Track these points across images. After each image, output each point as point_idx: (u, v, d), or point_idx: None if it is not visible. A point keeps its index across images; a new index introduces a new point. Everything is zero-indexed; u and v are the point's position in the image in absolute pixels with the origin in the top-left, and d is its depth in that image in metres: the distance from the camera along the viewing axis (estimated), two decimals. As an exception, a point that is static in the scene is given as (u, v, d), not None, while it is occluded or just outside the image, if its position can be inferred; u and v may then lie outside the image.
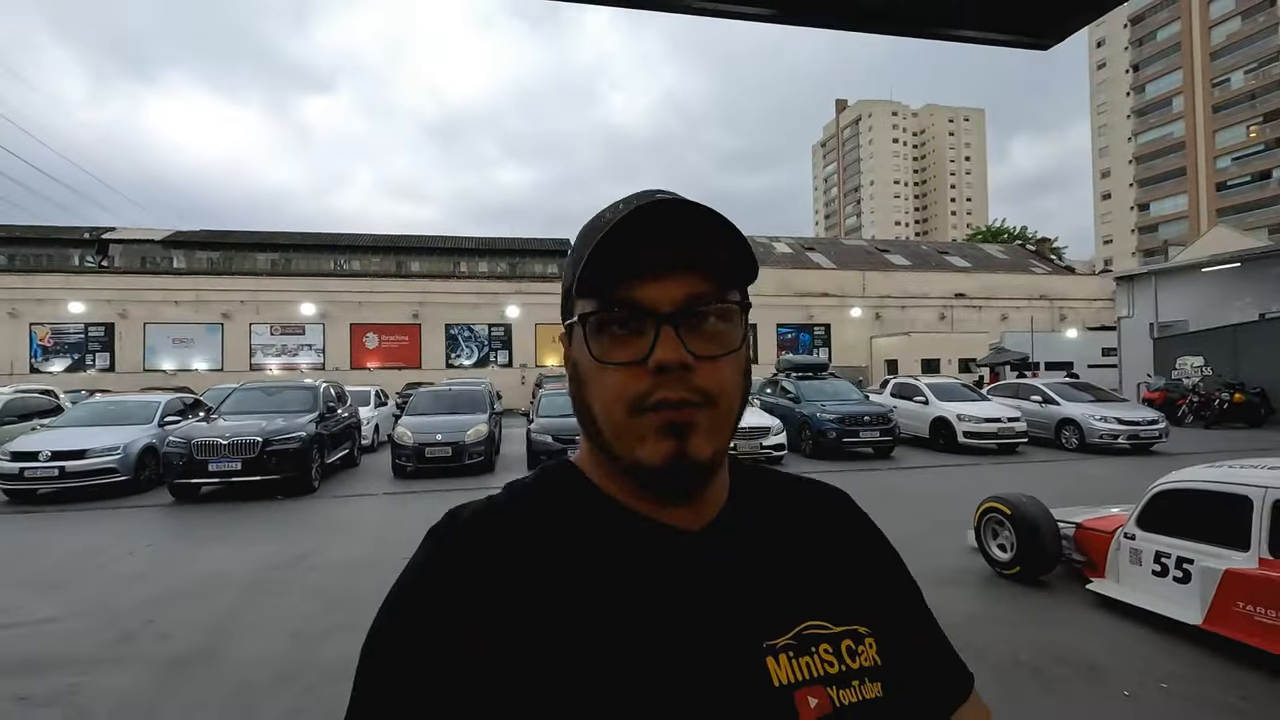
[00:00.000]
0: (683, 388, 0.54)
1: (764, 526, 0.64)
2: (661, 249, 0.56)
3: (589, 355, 0.57)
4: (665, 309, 0.55)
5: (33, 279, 27.80)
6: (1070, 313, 36.45)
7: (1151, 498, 4.46)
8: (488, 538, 0.58)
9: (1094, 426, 12.77)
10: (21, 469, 9.04)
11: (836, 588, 0.62)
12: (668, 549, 0.58)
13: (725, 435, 0.58)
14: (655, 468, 0.55)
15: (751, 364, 0.63)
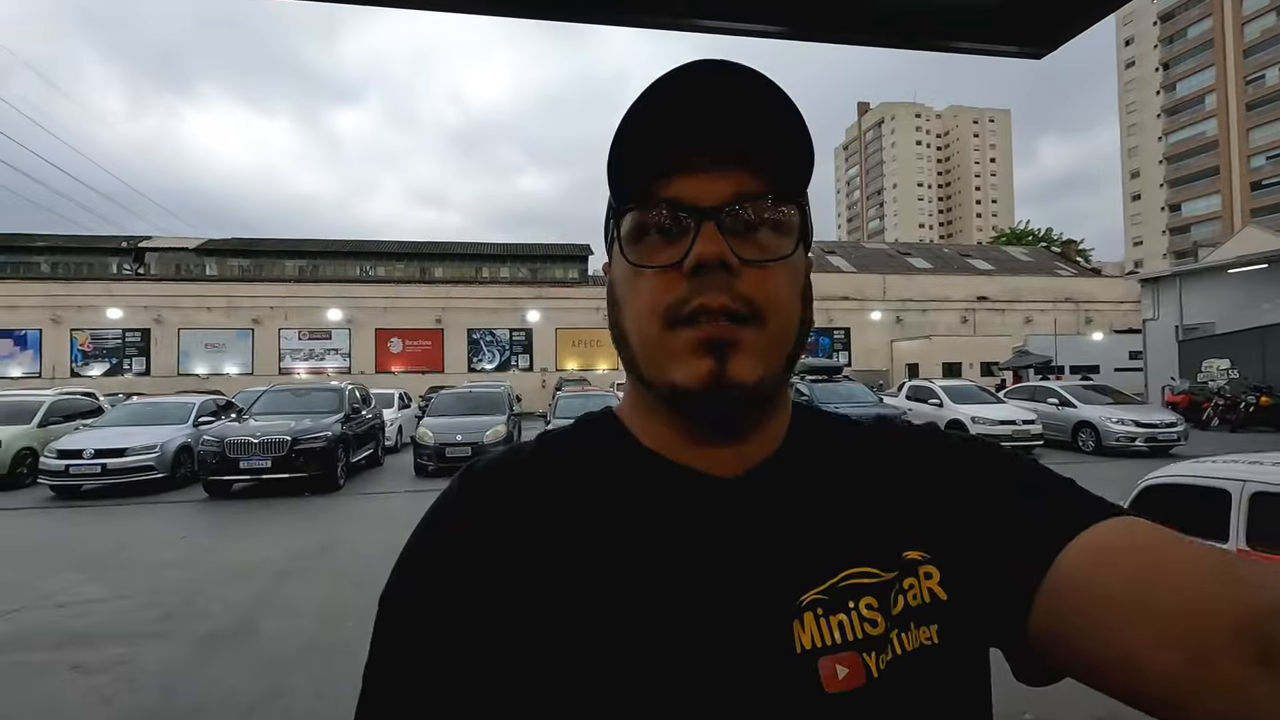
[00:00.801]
0: (725, 294, 0.48)
1: (817, 470, 0.55)
2: (706, 138, 0.50)
3: (624, 263, 0.52)
4: (707, 204, 0.49)
5: (74, 286, 28.93)
6: (1097, 315, 35.96)
7: (1140, 492, 4.59)
8: (515, 480, 0.54)
9: (1110, 429, 12.72)
10: (67, 466, 9.56)
11: (892, 525, 0.52)
12: (700, 497, 0.52)
13: (777, 361, 0.51)
14: (690, 391, 0.49)
15: (810, 295, 0.56)
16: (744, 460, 0.54)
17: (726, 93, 0.49)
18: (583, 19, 1.47)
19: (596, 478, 0.54)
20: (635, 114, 0.49)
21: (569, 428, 0.60)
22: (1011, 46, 1.58)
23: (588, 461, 0.55)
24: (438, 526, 0.54)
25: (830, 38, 1.55)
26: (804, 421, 0.59)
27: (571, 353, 31.29)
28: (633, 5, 1.42)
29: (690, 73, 0.49)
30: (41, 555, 6.57)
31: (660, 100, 0.49)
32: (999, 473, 0.54)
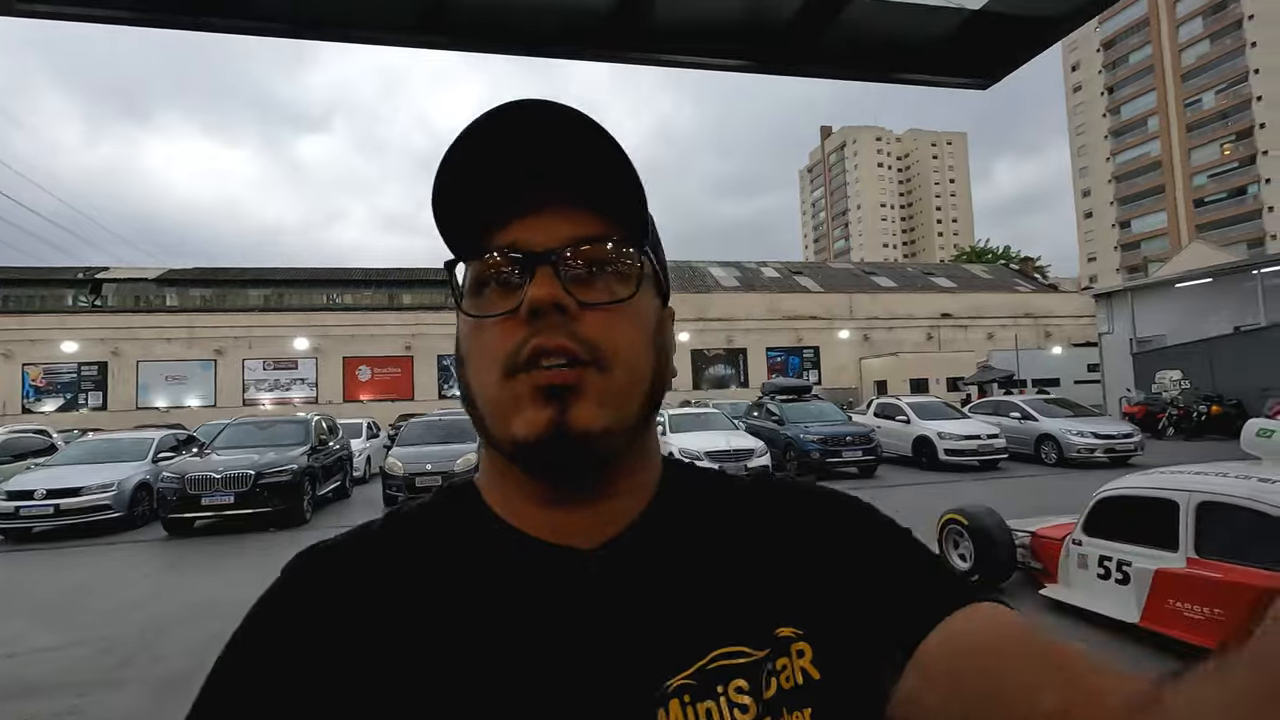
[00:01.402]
0: (563, 335, 0.45)
1: (685, 538, 0.51)
2: (540, 182, 0.48)
3: (465, 317, 0.50)
4: (543, 248, 0.47)
5: (26, 320, 28.04)
6: (1056, 330, 37.04)
7: (1095, 504, 4.74)
8: (350, 564, 0.50)
9: (1071, 441, 13.06)
10: (17, 508, 9.19)
11: (762, 599, 0.49)
12: (554, 574, 0.48)
13: (627, 411, 0.48)
14: (530, 443, 0.45)
15: (670, 346, 0.54)
16: (604, 528, 0.50)
17: (556, 135, 0.47)
18: (552, 54, 1.52)
19: (442, 557, 0.50)
20: (460, 161, 0.47)
21: (425, 500, 0.56)
22: (957, 78, 1.67)
23: (436, 538, 0.51)
24: (256, 622, 0.49)
25: (789, 70, 1.62)
26: (673, 481, 0.56)
27: (543, 377, 31.19)
28: (599, 40, 1.47)
29: (514, 115, 0.47)
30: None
31: (486, 145, 0.47)
32: (874, 545, 0.53)
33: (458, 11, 1.38)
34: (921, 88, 1.81)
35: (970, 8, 1.50)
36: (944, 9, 1.52)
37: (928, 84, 1.70)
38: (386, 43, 1.43)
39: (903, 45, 1.60)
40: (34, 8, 1.23)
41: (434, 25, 1.38)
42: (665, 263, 0.57)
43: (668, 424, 13.09)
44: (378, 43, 1.44)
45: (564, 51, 1.52)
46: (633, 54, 1.52)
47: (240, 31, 1.36)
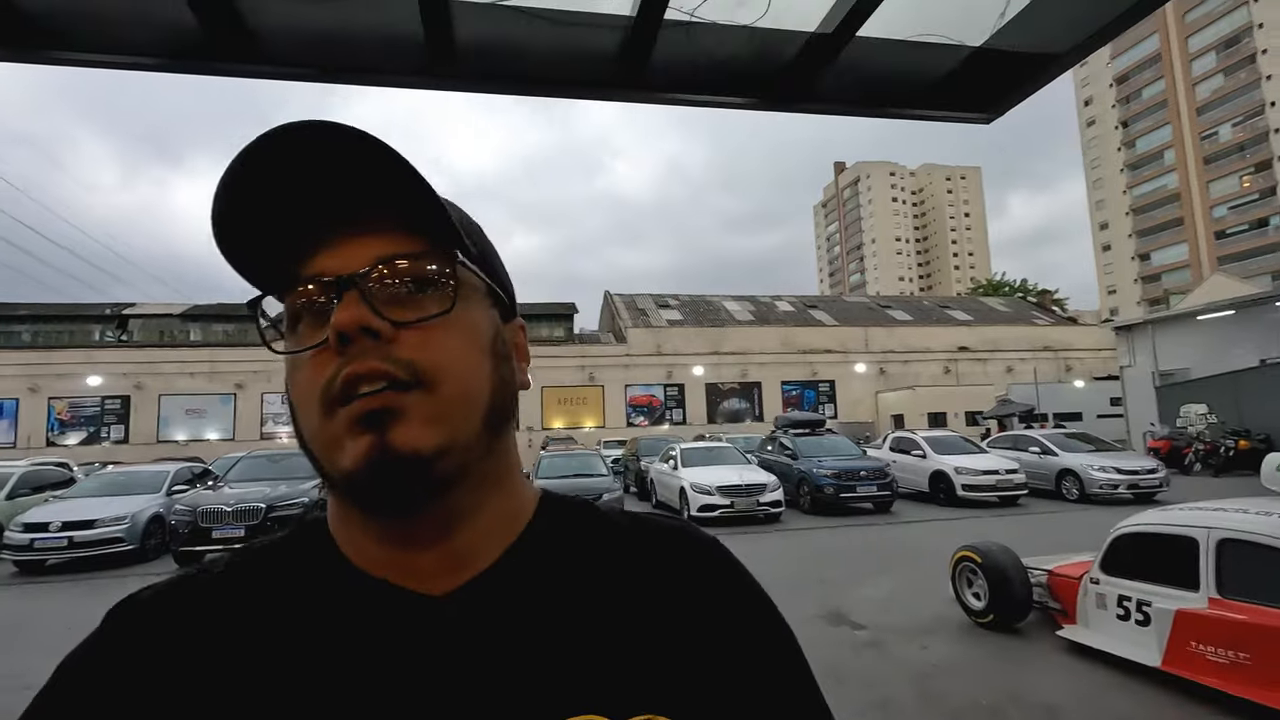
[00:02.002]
0: (375, 358, 0.42)
1: (547, 585, 0.48)
2: (336, 206, 0.45)
3: (283, 357, 0.47)
4: (347, 272, 0.44)
5: (53, 355, 28.68)
6: (1076, 363, 36.49)
7: (1112, 541, 4.60)
8: (168, 615, 0.46)
9: (1093, 476, 12.75)
10: (32, 540, 9.27)
11: (631, 667, 0.46)
12: (398, 622, 0.45)
13: (461, 427, 0.45)
14: (354, 474, 0.42)
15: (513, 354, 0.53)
16: (457, 569, 0.47)
17: (341, 157, 0.43)
18: (560, 94, 1.55)
19: (280, 601, 0.46)
20: (242, 192, 0.43)
21: (275, 539, 0.52)
22: (961, 113, 1.68)
23: (275, 580, 0.47)
24: (64, 675, 0.46)
25: (793, 108, 1.65)
26: (548, 519, 0.52)
27: (558, 411, 31.18)
28: (607, 80, 1.51)
29: (293, 140, 0.43)
30: (2, 635, 6.31)
31: (268, 174, 0.43)
32: (756, 654, 0.50)
33: (468, 54, 1.43)
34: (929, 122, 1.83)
35: (972, 45, 1.53)
36: (946, 45, 1.54)
37: (932, 119, 1.72)
38: (401, 85, 1.48)
39: (905, 81, 1.62)
40: (65, 55, 1.31)
41: (446, 68, 1.42)
42: (505, 274, 0.54)
43: (680, 458, 12.99)
44: (393, 85, 1.49)
45: (572, 92, 1.56)
46: (639, 93, 1.55)
47: (262, 76, 1.41)
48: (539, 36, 1.43)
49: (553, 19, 1.40)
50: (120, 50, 1.34)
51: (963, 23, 1.48)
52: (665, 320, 35.13)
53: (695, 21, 1.42)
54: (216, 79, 1.28)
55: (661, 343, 32.97)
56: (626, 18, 1.39)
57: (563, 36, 1.43)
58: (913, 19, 1.47)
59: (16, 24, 1.28)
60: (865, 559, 8.43)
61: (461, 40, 1.40)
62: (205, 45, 1.33)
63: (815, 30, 1.47)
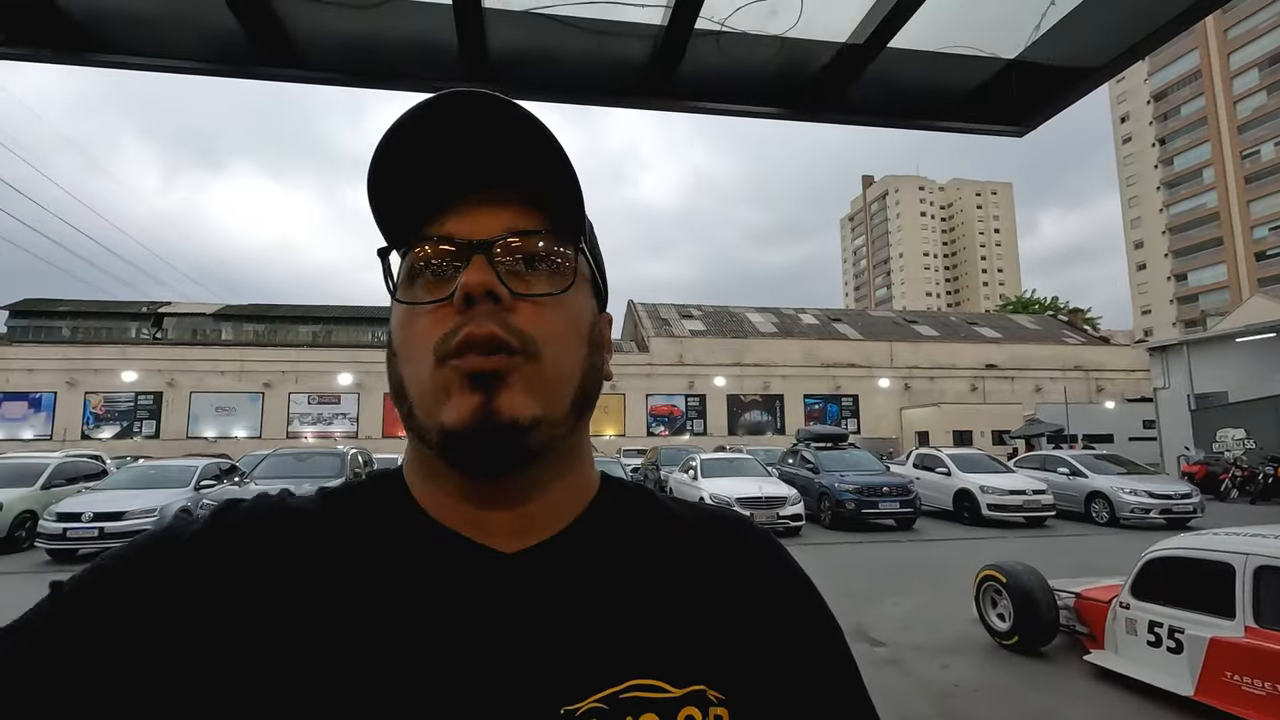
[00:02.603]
0: (494, 323, 0.44)
1: (614, 556, 0.50)
2: (479, 173, 0.49)
3: (398, 306, 0.49)
4: (478, 238, 0.47)
5: (91, 350, 29.48)
6: (1108, 384, 35.70)
7: (1143, 565, 4.47)
8: (268, 529, 0.47)
9: (1124, 500, 12.42)
10: (65, 529, 9.51)
11: (689, 640, 0.47)
12: (468, 572, 0.46)
13: (557, 404, 0.47)
14: (457, 431, 0.44)
15: (605, 346, 0.54)
16: (527, 532, 0.49)
17: (497, 128, 0.47)
18: (592, 102, 1.57)
19: (357, 541, 0.47)
20: (396, 148, 0.46)
21: (355, 483, 0.53)
22: (992, 125, 1.66)
23: (362, 525, 0.48)
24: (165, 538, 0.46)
25: (822, 118, 1.63)
26: (611, 498, 0.54)
27: (578, 418, 31.29)
28: (637, 89, 1.52)
29: (455, 104, 0.46)
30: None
31: (425, 134, 0.46)
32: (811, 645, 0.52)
33: (500, 62, 1.45)
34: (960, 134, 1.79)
35: (1005, 57, 1.51)
36: (979, 57, 1.53)
37: (963, 131, 1.70)
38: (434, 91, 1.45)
39: (937, 93, 1.61)
40: (111, 58, 1.35)
41: (479, 75, 1.43)
42: (604, 269, 0.57)
43: (699, 469, 12.93)
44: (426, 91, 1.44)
45: (602, 100, 1.57)
46: (669, 102, 1.56)
47: (299, 80, 1.44)
48: (570, 45, 1.44)
49: (584, 27, 1.41)
50: (163, 54, 1.38)
51: (996, 34, 1.47)
52: (688, 330, 35.08)
53: (726, 31, 1.42)
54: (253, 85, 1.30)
55: (684, 353, 32.92)
56: (657, 27, 1.40)
57: (594, 45, 1.45)
58: (945, 30, 1.45)
59: (64, 27, 1.32)
60: (886, 576, 8.29)
61: (494, 48, 1.42)
62: (246, 50, 1.36)
63: (846, 41, 1.46)
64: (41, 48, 1.32)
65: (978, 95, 1.59)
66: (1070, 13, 1.36)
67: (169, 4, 1.35)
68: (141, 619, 0.41)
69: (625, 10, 1.38)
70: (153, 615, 0.41)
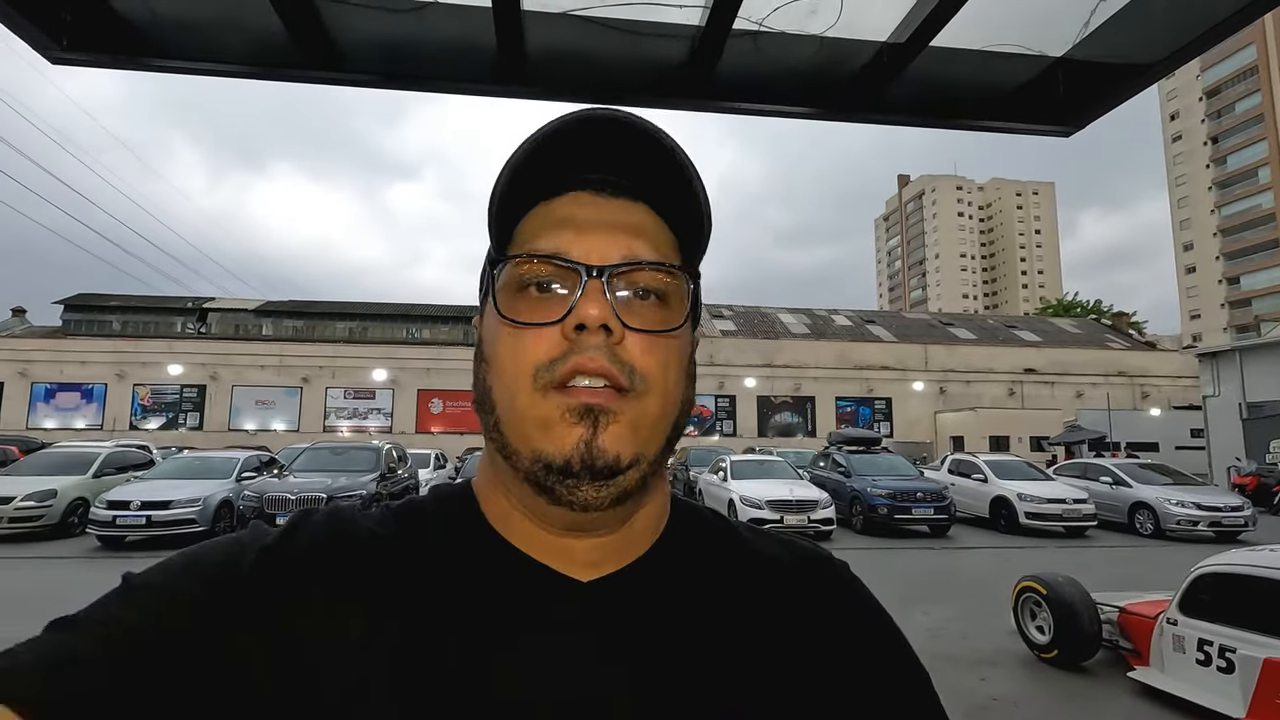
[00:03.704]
0: (605, 358, 0.43)
1: (689, 584, 0.49)
2: (603, 189, 0.47)
3: (497, 317, 0.46)
4: (596, 262, 0.44)
5: (140, 344, 30.51)
6: (1153, 390, 34.55)
7: (1192, 581, 4.32)
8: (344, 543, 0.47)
9: (1170, 511, 12.01)
10: (114, 517, 9.86)
11: (776, 678, 0.46)
12: (541, 598, 0.45)
13: (655, 442, 0.45)
14: (556, 463, 0.43)
15: (695, 369, 0.51)
16: (603, 560, 0.47)
17: (629, 147, 0.46)
18: (625, 102, 1.53)
19: (441, 567, 0.46)
20: (524, 158, 0.45)
21: (425, 502, 0.52)
22: (1038, 126, 1.61)
23: (430, 549, 0.48)
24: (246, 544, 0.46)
25: (860, 118, 1.60)
26: (681, 523, 0.53)
27: (608, 417, 31.38)
28: (672, 89, 1.51)
29: (591, 121, 0.45)
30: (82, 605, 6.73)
31: (556, 145, 0.45)
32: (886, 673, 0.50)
33: (538, 63, 1.46)
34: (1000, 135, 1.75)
35: (1052, 54, 1.46)
36: (1024, 55, 1.49)
37: (1007, 131, 1.65)
38: (473, 92, 1.51)
39: (981, 92, 1.58)
40: (164, 63, 1.40)
41: (516, 77, 1.45)
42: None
43: (729, 470, 12.88)
44: (465, 92, 1.52)
45: (639, 100, 1.55)
46: (707, 102, 1.54)
47: (343, 83, 1.47)
48: (608, 46, 1.44)
49: (621, 29, 1.41)
50: (212, 58, 1.41)
51: (1043, 32, 1.43)
52: (719, 331, 34.93)
53: (764, 31, 1.41)
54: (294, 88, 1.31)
55: (714, 353, 32.79)
56: (695, 27, 1.40)
57: (631, 46, 1.45)
58: (989, 28, 1.42)
59: (121, 32, 1.36)
60: (920, 584, 8.14)
61: (532, 49, 1.43)
62: (290, 52, 1.39)
63: (887, 40, 1.43)
64: (100, 53, 1.37)
65: (1023, 94, 1.54)
66: (1121, 9, 1.32)
67: (219, 8, 1.39)
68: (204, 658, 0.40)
69: (663, 11, 1.38)
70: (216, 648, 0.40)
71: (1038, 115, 1.59)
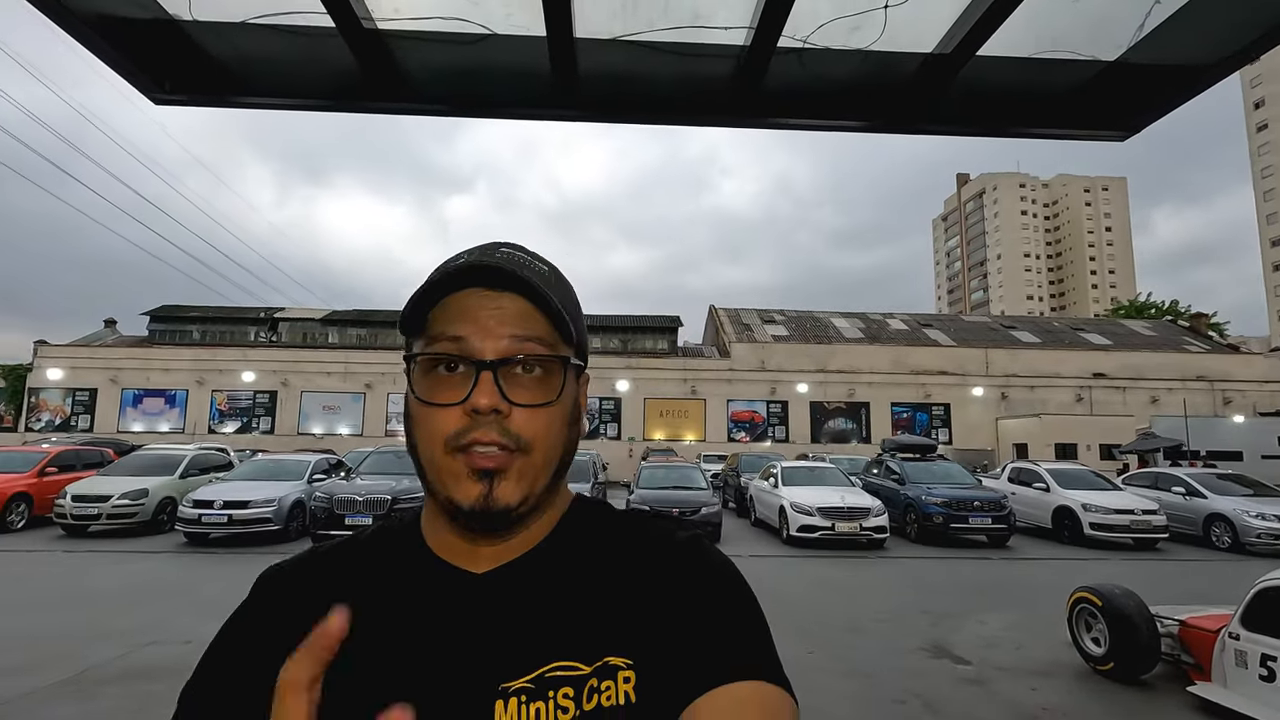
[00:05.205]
0: (496, 432, 0.57)
1: (554, 569, 0.63)
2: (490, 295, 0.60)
3: (413, 394, 0.60)
4: (488, 356, 0.58)
5: (217, 352, 32.34)
6: (1236, 396, 32.58)
7: (1256, 594, 4.22)
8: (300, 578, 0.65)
9: (1249, 524, 11.42)
10: (200, 515, 10.60)
11: (599, 624, 0.60)
12: (446, 590, 0.61)
13: (539, 482, 0.60)
14: (463, 509, 0.58)
15: (581, 414, 0.67)
16: (501, 557, 0.63)
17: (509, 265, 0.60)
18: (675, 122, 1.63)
19: (374, 574, 0.63)
20: (434, 280, 0.60)
21: (378, 526, 0.70)
22: (1092, 131, 1.60)
23: (374, 559, 0.65)
24: (227, 625, 0.64)
25: (912, 129, 1.63)
26: (576, 519, 0.68)
27: (659, 423, 31.50)
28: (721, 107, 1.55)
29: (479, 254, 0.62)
30: (173, 596, 7.31)
31: (454, 271, 0.60)
32: (708, 603, 0.61)
33: (590, 87, 1.52)
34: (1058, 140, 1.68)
35: (1105, 59, 1.45)
36: (1076, 61, 1.47)
37: (1061, 137, 1.65)
38: (530, 117, 1.60)
39: (1032, 100, 1.56)
40: (247, 100, 1.54)
41: (570, 101, 1.53)
42: (585, 335, 0.68)
43: (780, 476, 12.84)
44: (522, 117, 1.61)
45: (688, 119, 1.62)
46: (754, 119, 1.58)
47: (409, 113, 1.58)
48: (657, 68, 1.48)
49: (670, 51, 1.44)
50: (295, 94, 1.54)
51: (1095, 37, 1.41)
52: (770, 336, 34.67)
53: (809, 48, 1.43)
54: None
55: (765, 358, 32.57)
56: (740, 47, 1.43)
57: (680, 67, 1.48)
58: (1039, 35, 1.40)
59: (215, 74, 1.50)
60: (975, 594, 8.02)
61: (585, 75, 1.49)
62: (365, 87, 1.50)
63: (933, 51, 1.44)
64: (196, 94, 1.53)
65: (1076, 100, 1.53)
66: (1176, 12, 1.29)
67: (300, 48, 1.47)
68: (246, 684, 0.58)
69: (709, 33, 1.41)
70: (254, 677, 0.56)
71: (1092, 120, 1.59)
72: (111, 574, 8.48)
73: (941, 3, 1.34)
